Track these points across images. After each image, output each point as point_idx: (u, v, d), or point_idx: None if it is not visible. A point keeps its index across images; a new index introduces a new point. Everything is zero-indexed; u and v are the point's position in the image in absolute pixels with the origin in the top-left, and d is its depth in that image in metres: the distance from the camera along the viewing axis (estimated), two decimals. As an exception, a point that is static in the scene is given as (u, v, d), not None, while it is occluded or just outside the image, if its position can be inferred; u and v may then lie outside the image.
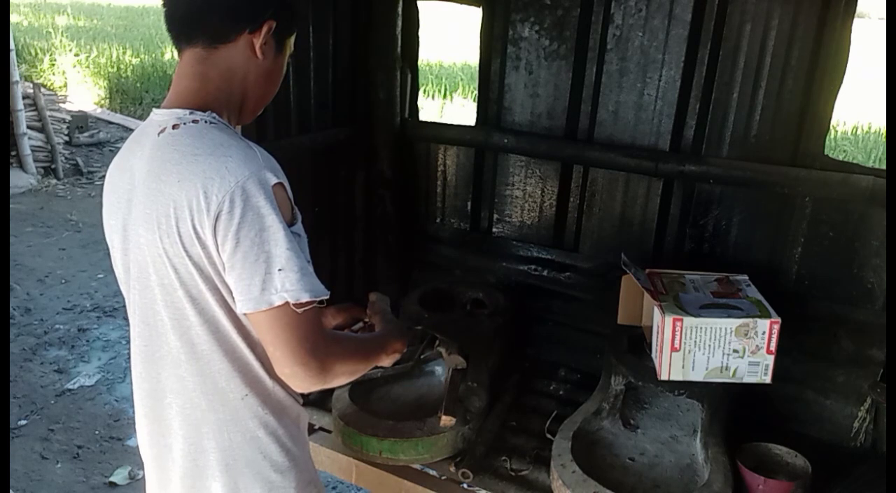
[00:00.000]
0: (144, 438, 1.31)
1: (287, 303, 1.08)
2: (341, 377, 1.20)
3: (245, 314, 1.12)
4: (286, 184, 1.13)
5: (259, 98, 1.27)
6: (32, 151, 6.79)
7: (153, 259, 1.14)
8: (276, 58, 1.25)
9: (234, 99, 1.22)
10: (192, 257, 1.10)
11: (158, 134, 1.14)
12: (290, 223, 1.11)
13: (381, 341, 1.42)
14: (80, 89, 10.80)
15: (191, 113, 1.15)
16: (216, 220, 1.06)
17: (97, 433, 3.30)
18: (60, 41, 12.52)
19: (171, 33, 1.19)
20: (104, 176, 1.30)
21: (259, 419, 1.23)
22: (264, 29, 1.18)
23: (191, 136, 1.12)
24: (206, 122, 1.14)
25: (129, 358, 1.43)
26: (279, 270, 1.07)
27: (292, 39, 1.28)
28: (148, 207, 1.12)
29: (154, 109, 1.21)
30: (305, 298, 1.08)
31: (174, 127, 1.13)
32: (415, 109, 2.55)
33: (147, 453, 1.32)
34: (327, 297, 1.12)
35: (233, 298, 1.11)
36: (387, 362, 1.43)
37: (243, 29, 1.17)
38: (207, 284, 1.12)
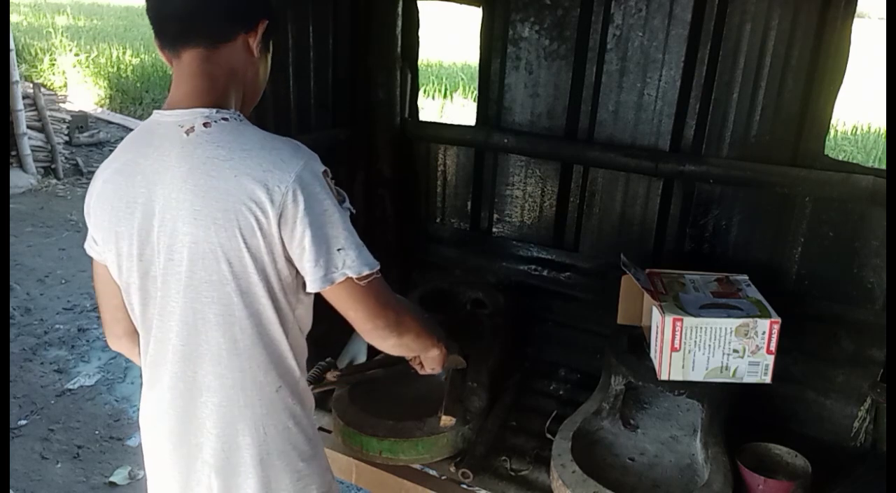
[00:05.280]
0: (172, 438, 1.29)
1: (350, 278, 1.16)
2: (411, 334, 1.33)
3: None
4: (328, 169, 1.20)
5: (254, 96, 1.29)
6: (32, 151, 6.78)
7: (203, 256, 1.15)
8: (267, 57, 1.28)
9: (237, 97, 1.23)
10: (250, 248, 1.13)
11: (186, 133, 1.14)
12: (340, 203, 1.18)
13: (438, 333, 1.54)
14: (80, 89, 10.80)
15: (217, 111, 1.16)
16: (281, 210, 1.11)
17: (97, 433, 3.30)
18: (60, 41, 12.51)
19: (168, 34, 1.18)
20: (104, 176, 1.28)
21: (289, 410, 1.27)
22: (259, 28, 1.20)
23: (229, 132, 1.15)
24: (235, 119, 1.17)
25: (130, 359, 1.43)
26: (338, 249, 1.15)
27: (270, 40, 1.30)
28: (197, 204, 1.13)
29: (158, 111, 1.20)
30: (366, 271, 1.17)
31: (205, 125, 1.14)
32: (415, 109, 2.55)
33: (173, 453, 1.29)
34: (379, 267, 1.21)
35: (279, 286, 1.18)
36: (433, 352, 1.52)
37: (241, 29, 1.19)
38: (259, 274, 1.16)
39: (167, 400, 1.27)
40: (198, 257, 1.15)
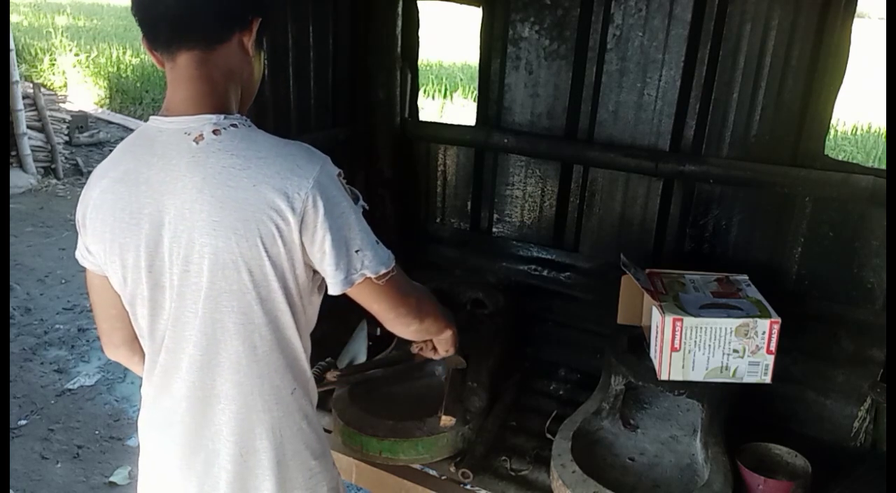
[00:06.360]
0: (187, 446, 1.26)
1: (369, 278, 1.19)
2: (430, 317, 1.39)
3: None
4: (341, 170, 1.20)
5: (250, 95, 1.27)
6: (32, 151, 6.78)
7: (224, 266, 1.13)
8: (261, 54, 1.26)
9: (237, 99, 1.21)
10: (271, 256, 1.13)
11: (195, 142, 1.12)
12: (354, 202, 1.19)
13: (448, 315, 1.53)
14: (80, 89, 10.80)
15: (225, 117, 1.15)
16: (302, 217, 1.11)
17: (97, 432, 3.30)
18: (60, 41, 12.51)
19: (161, 37, 1.15)
20: (105, 177, 1.26)
21: (302, 411, 1.29)
22: (254, 26, 1.18)
23: (241, 139, 1.14)
24: (243, 125, 1.16)
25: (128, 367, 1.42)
26: (356, 251, 1.17)
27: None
28: (215, 215, 1.11)
29: (157, 117, 1.17)
30: (383, 270, 1.20)
31: (215, 133, 1.13)
32: (415, 109, 2.55)
33: (187, 460, 1.27)
34: (394, 262, 1.23)
35: (297, 291, 1.19)
36: (447, 333, 1.54)
37: (236, 28, 1.17)
38: (279, 281, 1.16)
39: (182, 409, 1.24)
40: (218, 268, 1.14)
